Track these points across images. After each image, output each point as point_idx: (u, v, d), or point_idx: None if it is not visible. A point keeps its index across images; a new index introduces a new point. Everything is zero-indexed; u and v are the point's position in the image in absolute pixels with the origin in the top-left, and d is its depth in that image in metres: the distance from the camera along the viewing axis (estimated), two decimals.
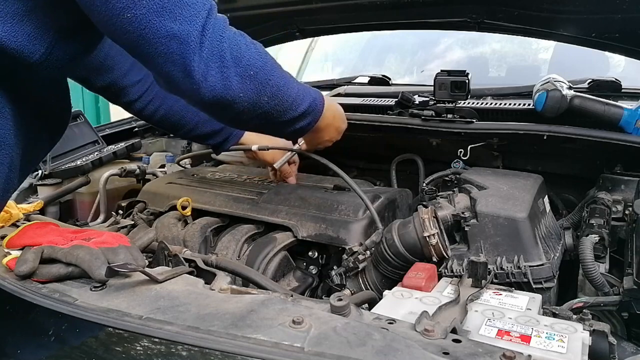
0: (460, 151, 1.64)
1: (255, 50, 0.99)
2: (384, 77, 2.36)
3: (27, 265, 0.96)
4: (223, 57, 0.92)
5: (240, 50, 0.95)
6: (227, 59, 0.93)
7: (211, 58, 0.90)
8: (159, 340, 0.78)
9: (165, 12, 0.85)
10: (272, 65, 1.03)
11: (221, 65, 0.92)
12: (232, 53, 0.93)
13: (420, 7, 1.69)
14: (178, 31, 0.86)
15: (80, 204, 1.86)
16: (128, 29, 0.85)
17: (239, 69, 0.95)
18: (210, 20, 0.90)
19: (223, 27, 0.93)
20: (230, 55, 0.93)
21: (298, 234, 1.37)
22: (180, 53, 0.87)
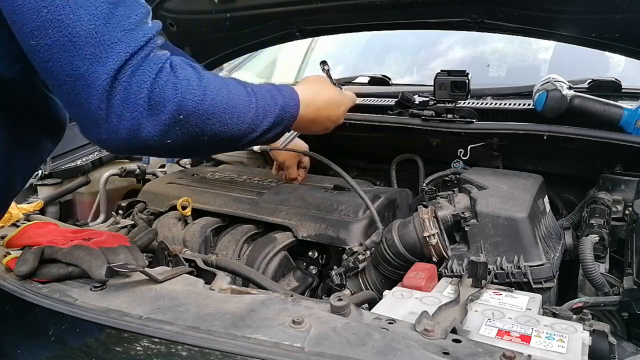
0: (460, 151, 1.64)
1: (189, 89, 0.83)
2: (384, 77, 2.35)
3: (27, 265, 0.96)
4: (139, 105, 0.78)
5: (165, 95, 0.80)
6: (144, 107, 0.79)
7: (124, 106, 0.78)
8: (159, 340, 0.78)
9: (75, 47, 0.73)
10: (214, 99, 0.87)
11: (137, 115, 0.78)
12: (155, 99, 0.79)
13: (420, 7, 1.69)
14: (85, 72, 0.74)
15: (80, 204, 1.87)
16: (33, 56, 0.77)
17: (164, 116, 0.81)
18: (132, 62, 0.77)
19: (150, 70, 0.79)
20: (150, 101, 0.79)
21: (298, 234, 1.37)
22: (86, 96, 0.76)
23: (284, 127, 1.04)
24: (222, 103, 0.88)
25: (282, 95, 1.03)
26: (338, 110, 1.23)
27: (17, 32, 0.76)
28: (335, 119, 1.23)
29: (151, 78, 0.78)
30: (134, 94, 0.77)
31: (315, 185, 1.59)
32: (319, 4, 1.78)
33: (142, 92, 0.78)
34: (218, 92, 0.88)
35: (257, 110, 0.95)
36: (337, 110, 1.23)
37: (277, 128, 1.02)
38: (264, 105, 0.97)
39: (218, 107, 0.87)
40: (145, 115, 0.79)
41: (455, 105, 1.66)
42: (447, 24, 1.80)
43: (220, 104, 0.88)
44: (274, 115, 0.99)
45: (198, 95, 0.84)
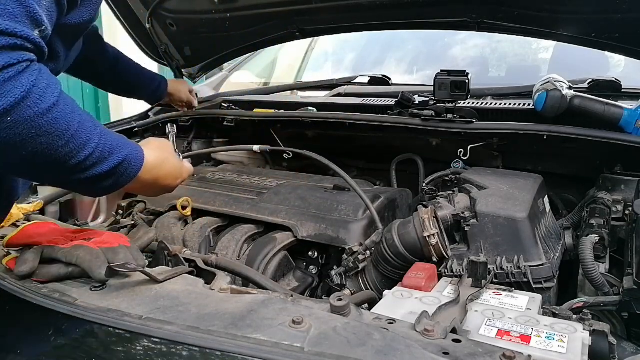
0: (460, 151, 1.64)
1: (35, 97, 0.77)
2: (384, 77, 2.36)
3: (27, 265, 0.96)
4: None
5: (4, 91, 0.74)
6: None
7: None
8: (159, 340, 0.78)
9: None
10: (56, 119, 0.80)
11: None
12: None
13: (420, 7, 1.69)
14: None
15: (80, 204, 1.86)
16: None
17: None
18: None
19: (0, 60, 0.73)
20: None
21: (298, 234, 1.37)
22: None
23: (115, 182, 0.94)
24: (63, 127, 0.81)
25: (129, 149, 0.95)
26: (175, 182, 1.15)
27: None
28: (169, 189, 1.15)
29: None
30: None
31: (315, 185, 1.59)
32: (319, 4, 1.78)
33: None
34: (65, 114, 0.82)
35: (95, 150, 0.87)
36: (174, 182, 1.15)
37: (108, 180, 0.92)
38: (104, 150, 0.88)
39: (56, 129, 0.80)
40: None
41: (455, 105, 1.66)
42: (447, 24, 1.80)
43: (60, 126, 0.81)
44: (111, 164, 0.90)
45: (42, 108, 0.78)
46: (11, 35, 0.74)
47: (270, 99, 2.26)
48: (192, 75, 2.35)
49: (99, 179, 0.89)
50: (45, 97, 0.78)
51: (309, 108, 2.02)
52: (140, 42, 2.14)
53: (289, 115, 1.89)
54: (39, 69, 0.79)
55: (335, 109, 1.94)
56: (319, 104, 2.04)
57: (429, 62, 2.70)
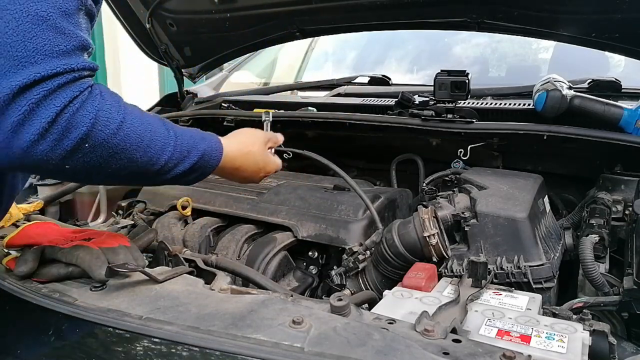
0: (460, 151, 1.64)
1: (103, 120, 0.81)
2: (384, 77, 2.36)
3: (27, 265, 0.96)
4: (41, 127, 0.76)
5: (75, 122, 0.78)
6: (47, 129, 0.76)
7: (25, 124, 0.75)
8: (159, 340, 0.78)
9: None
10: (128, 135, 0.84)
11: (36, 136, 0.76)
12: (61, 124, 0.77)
13: (420, 7, 1.69)
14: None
15: (80, 204, 1.86)
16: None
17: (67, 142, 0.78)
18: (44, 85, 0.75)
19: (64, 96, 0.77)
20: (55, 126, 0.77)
21: (298, 234, 1.37)
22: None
23: (200, 175, 1.00)
24: (136, 140, 0.85)
25: (206, 143, 0.99)
26: (257, 176, 1.17)
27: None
28: (249, 181, 1.17)
29: (63, 104, 0.76)
30: (38, 115, 0.75)
31: (315, 185, 1.59)
32: (319, 4, 1.78)
33: (48, 115, 0.76)
34: (135, 128, 0.85)
35: (173, 153, 0.92)
36: (256, 175, 1.17)
37: (193, 174, 0.98)
38: (182, 150, 0.93)
39: (130, 144, 0.84)
40: (45, 138, 0.77)
41: (455, 105, 1.66)
42: (447, 24, 1.80)
43: (134, 140, 0.85)
44: (191, 161, 0.95)
45: (112, 129, 0.82)
46: (69, 72, 0.77)
47: (270, 99, 2.26)
48: (192, 75, 2.35)
49: (184, 175, 0.95)
50: (112, 117, 0.82)
51: (309, 108, 2.02)
52: (140, 42, 2.14)
53: (289, 115, 1.89)
54: (99, 92, 0.82)
55: (335, 109, 1.94)
56: (319, 104, 2.04)
57: (429, 62, 2.70)
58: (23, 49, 0.74)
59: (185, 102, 2.39)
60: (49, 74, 0.75)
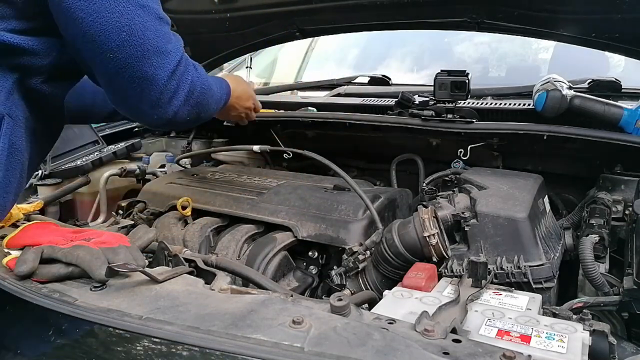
0: (460, 151, 1.64)
1: (201, 82, 1.14)
2: (384, 77, 2.36)
3: (27, 265, 0.96)
4: (184, 94, 1.08)
5: (194, 87, 1.11)
6: (185, 96, 1.08)
7: (175, 95, 1.06)
8: (159, 340, 0.78)
9: (145, 58, 0.98)
10: (208, 86, 1.19)
11: (180, 102, 1.08)
12: (190, 89, 1.09)
13: (420, 7, 1.69)
14: (152, 75, 1.00)
15: (80, 204, 1.86)
16: (106, 65, 0.98)
17: (191, 100, 1.11)
18: (180, 65, 1.05)
19: (189, 70, 1.08)
20: (187, 92, 1.08)
21: (298, 234, 1.37)
22: (150, 91, 1.01)
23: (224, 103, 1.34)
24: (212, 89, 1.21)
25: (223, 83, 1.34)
26: (248, 102, 1.54)
27: (91, 48, 0.96)
28: (247, 105, 1.53)
29: (190, 77, 1.08)
30: (182, 87, 1.06)
31: (315, 185, 1.59)
32: (319, 4, 1.78)
33: (186, 85, 1.07)
34: (209, 83, 1.20)
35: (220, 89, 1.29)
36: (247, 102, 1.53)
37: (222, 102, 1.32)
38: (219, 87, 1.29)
39: (211, 91, 1.21)
40: (185, 102, 1.09)
41: (455, 105, 1.66)
42: (447, 24, 1.80)
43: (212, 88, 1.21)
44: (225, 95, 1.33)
45: (206, 86, 1.16)
46: (183, 53, 1.06)
47: (270, 99, 2.26)
48: None
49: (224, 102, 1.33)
50: (204, 79, 1.15)
51: (309, 108, 2.02)
52: None
53: (289, 115, 1.89)
54: (194, 65, 1.12)
55: (335, 109, 1.94)
56: (319, 104, 2.05)
57: (429, 62, 2.70)
58: (162, 44, 1.00)
59: None
60: (179, 57, 1.04)
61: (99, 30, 0.93)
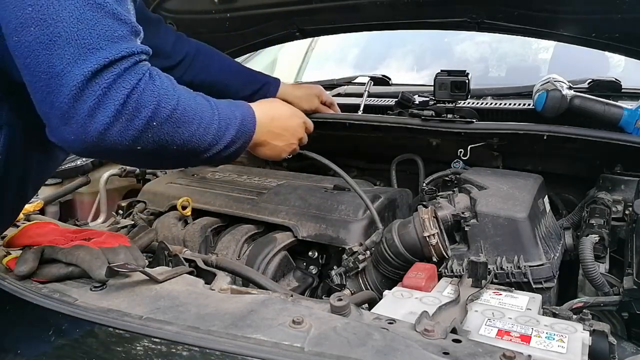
0: (460, 151, 1.64)
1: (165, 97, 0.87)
2: (384, 77, 2.36)
3: (27, 265, 0.96)
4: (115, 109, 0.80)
5: (143, 101, 0.83)
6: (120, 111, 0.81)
7: (99, 108, 0.79)
8: (159, 340, 0.78)
9: (54, 47, 0.77)
10: (186, 109, 0.91)
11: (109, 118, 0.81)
12: (132, 104, 0.82)
13: (420, 7, 1.69)
14: (61, 71, 0.77)
15: (80, 204, 1.87)
16: (15, 52, 0.80)
17: (138, 122, 0.83)
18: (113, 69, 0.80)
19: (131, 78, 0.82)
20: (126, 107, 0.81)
21: (298, 234, 1.37)
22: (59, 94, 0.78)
23: (242, 144, 1.06)
24: (192, 113, 0.92)
25: (240, 110, 1.07)
26: (293, 120, 1.25)
27: (3, 28, 0.79)
28: (292, 130, 1.24)
29: (131, 86, 0.82)
30: (111, 98, 0.80)
31: (315, 185, 1.59)
32: (319, 4, 1.78)
33: (119, 97, 0.81)
34: (188, 102, 0.92)
35: (219, 122, 0.99)
36: (292, 120, 1.25)
37: (238, 142, 1.04)
38: (225, 118, 1.01)
39: (188, 116, 0.91)
40: (119, 119, 0.81)
41: (455, 105, 1.66)
42: (447, 24, 1.80)
43: (190, 113, 0.91)
44: (234, 128, 1.02)
45: (172, 104, 0.87)
46: (132, 55, 0.82)
47: None
48: None
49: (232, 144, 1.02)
50: (171, 94, 0.88)
51: None
52: None
53: None
54: (156, 73, 0.87)
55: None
56: None
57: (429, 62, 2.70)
58: (89, 36, 0.78)
59: None
60: (116, 58, 0.80)
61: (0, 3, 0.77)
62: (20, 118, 0.95)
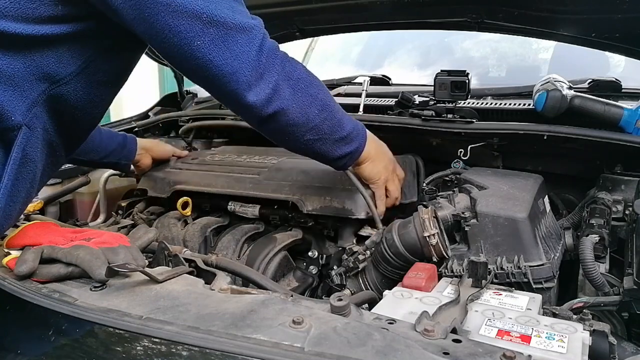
0: (460, 151, 1.63)
1: (302, 68, 1.10)
2: (384, 77, 2.36)
3: (27, 265, 0.96)
4: (277, 68, 1.02)
5: (290, 68, 1.05)
6: (280, 78, 1.02)
7: (268, 68, 1.00)
8: (159, 340, 0.78)
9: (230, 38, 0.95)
10: (318, 82, 1.13)
11: (275, 84, 1.02)
12: (284, 70, 1.04)
13: (420, 7, 1.69)
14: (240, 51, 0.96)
15: (80, 204, 1.86)
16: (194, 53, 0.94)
17: (291, 82, 1.05)
18: (266, 38, 1.01)
19: (274, 53, 1.03)
20: (283, 74, 1.03)
21: (303, 208, 1.36)
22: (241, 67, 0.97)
23: (357, 146, 1.23)
24: (322, 86, 1.16)
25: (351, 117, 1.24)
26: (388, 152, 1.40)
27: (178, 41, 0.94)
28: (389, 157, 1.39)
29: (278, 54, 1.04)
30: (272, 59, 1.02)
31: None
32: (319, 4, 1.78)
33: (277, 58, 1.03)
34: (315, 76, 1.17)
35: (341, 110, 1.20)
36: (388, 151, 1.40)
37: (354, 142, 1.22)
38: (344, 112, 1.21)
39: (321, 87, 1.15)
40: (281, 83, 1.03)
41: (455, 105, 1.66)
42: (447, 24, 1.80)
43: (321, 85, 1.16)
44: (351, 124, 1.21)
45: (308, 72, 1.13)
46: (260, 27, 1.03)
47: None
48: None
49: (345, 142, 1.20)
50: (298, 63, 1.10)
51: None
52: None
53: None
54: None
55: None
56: None
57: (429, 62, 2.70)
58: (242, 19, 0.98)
59: (185, 102, 2.39)
60: (264, 29, 1.03)
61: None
62: (43, 122, 0.99)
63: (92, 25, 0.96)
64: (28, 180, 1.00)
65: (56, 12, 0.91)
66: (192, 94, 2.41)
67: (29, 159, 0.98)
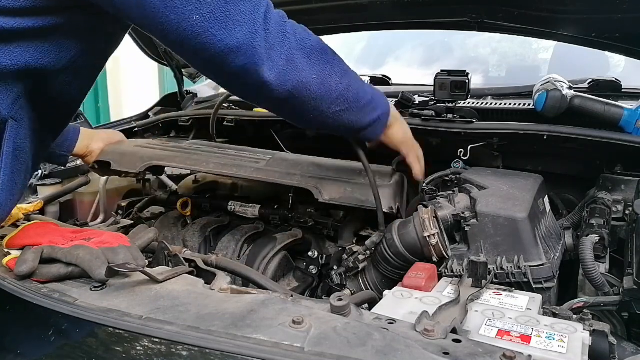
0: (460, 151, 1.63)
1: (315, 36, 1.03)
2: (384, 77, 2.36)
3: (27, 265, 0.96)
4: (289, 39, 0.96)
5: (302, 35, 0.99)
6: (293, 48, 0.96)
7: (279, 40, 0.94)
8: (159, 340, 0.78)
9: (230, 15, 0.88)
10: (332, 50, 1.06)
11: (289, 54, 0.95)
12: (296, 38, 0.97)
13: (420, 7, 1.69)
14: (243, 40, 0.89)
15: (80, 204, 1.86)
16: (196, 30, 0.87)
17: (305, 51, 0.98)
18: (269, 10, 0.95)
19: (282, 20, 0.97)
20: (295, 42, 0.96)
21: (320, 197, 1.26)
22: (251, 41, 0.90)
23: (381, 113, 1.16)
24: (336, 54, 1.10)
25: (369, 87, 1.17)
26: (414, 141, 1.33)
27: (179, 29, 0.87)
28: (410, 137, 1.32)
29: (286, 24, 0.98)
30: (281, 26, 0.96)
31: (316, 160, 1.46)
32: (319, 4, 1.78)
33: (287, 26, 0.97)
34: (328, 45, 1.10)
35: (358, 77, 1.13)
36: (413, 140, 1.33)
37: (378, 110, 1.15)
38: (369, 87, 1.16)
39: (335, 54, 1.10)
40: (295, 54, 0.96)
41: (456, 105, 1.66)
42: (447, 24, 1.80)
43: (335, 53, 1.10)
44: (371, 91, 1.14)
45: (320, 41, 1.05)
46: None
47: None
48: (192, 75, 2.35)
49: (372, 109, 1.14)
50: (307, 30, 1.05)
51: None
52: (140, 42, 2.14)
53: None
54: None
55: None
56: None
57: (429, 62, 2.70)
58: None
59: (185, 102, 2.39)
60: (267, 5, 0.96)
61: None
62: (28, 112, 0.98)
63: (75, 17, 0.93)
64: (23, 171, 1.00)
65: (38, 4, 0.87)
66: (192, 94, 2.41)
67: (21, 150, 0.98)
